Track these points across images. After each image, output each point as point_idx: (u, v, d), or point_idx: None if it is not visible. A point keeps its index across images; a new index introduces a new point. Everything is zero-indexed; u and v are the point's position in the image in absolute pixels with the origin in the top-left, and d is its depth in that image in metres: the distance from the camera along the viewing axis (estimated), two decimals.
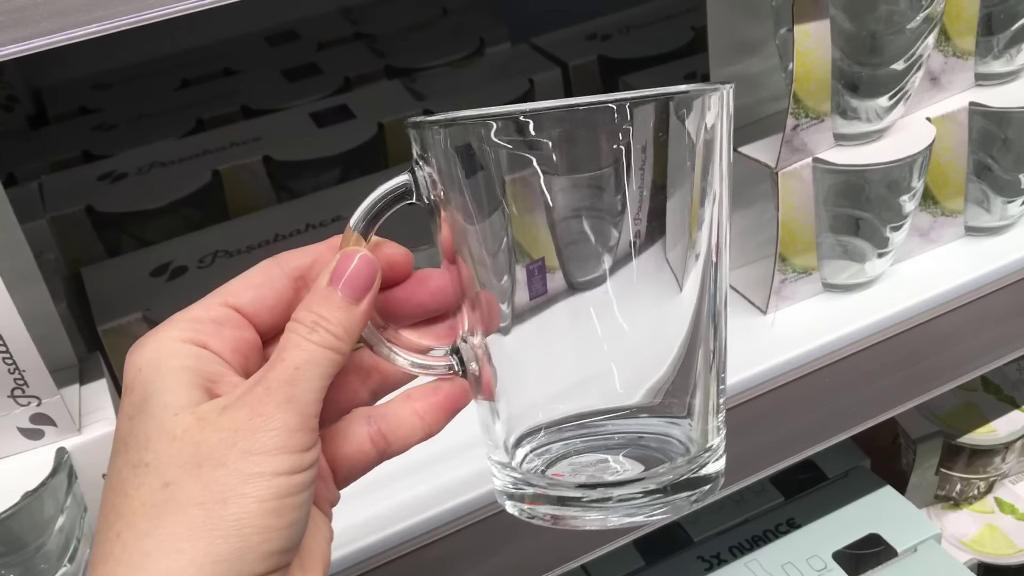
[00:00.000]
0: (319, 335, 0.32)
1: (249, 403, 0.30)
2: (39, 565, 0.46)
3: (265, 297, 0.34)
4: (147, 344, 0.32)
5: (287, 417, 0.30)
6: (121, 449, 0.31)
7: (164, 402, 0.30)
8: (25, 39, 0.33)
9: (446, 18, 0.98)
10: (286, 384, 0.31)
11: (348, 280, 0.32)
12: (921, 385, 0.63)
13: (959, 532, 0.93)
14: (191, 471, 0.29)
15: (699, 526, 0.81)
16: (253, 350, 0.34)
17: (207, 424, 0.30)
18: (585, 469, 0.36)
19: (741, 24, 0.59)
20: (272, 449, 0.30)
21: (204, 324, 0.32)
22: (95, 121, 0.84)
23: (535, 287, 0.35)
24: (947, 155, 0.64)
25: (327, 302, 0.32)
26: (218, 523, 0.29)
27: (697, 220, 0.35)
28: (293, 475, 0.30)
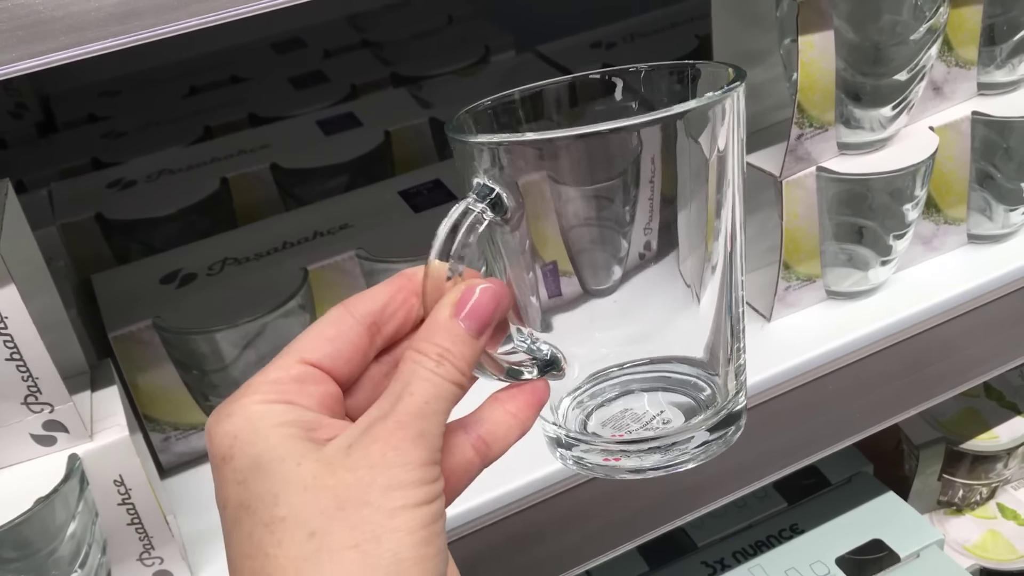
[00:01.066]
0: (446, 369, 0.31)
1: (381, 437, 0.30)
2: (50, 571, 0.47)
3: (341, 350, 0.33)
4: (233, 413, 0.31)
5: (421, 452, 0.30)
6: (243, 514, 0.29)
7: (280, 456, 0.29)
8: (42, 54, 0.34)
9: (452, 26, 0.99)
10: (417, 418, 0.30)
11: (472, 312, 0.32)
12: (924, 392, 0.63)
13: (961, 538, 0.93)
14: (334, 515, 0.28)
15: (703, 531, 0.82)
16: (337, 403, 0.33)
17: (337, 466, 0.29)
18: (624, 418, 0.38)
19: (745, 34, 0.60)
20: (411, 483, 0.29)
21: (286, 384, 0.31)
22: (104, 128, 0.85)
23: (550, 288, 0.35)
24: (950, 164, 0.64)
25: (451, 335, 0.32)
26: (376, 562, 0.28)
27: (713, 230, 0.36)
28: (431, 504, 0.30)
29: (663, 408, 0.38)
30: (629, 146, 0.33)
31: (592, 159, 0.33)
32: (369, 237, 0.60)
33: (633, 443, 0.37)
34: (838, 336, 0.63)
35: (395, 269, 0.59)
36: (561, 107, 0.39)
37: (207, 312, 0.56)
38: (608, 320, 0.37)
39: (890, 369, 0.64)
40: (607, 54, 0.83)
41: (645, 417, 0.38)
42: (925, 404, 0.64)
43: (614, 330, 0.37)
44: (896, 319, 0.64)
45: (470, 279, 0.33)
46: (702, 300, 0.37)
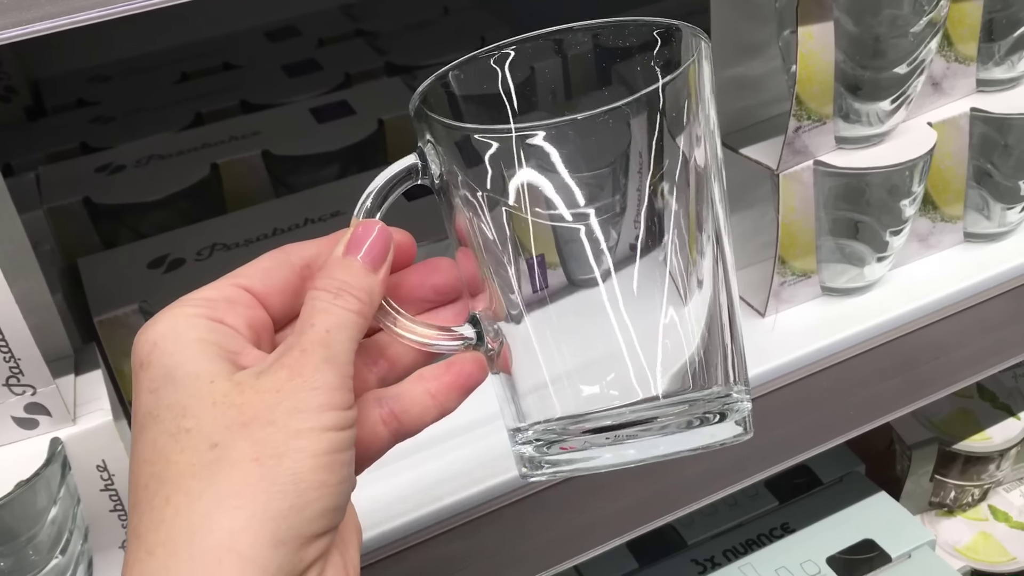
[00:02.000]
0: (344, 299, 0.32)
1: (287, 364, 0.30)
2: (30, 556, 0.46)
3: (275, 281, 0.34)
4: (160, 320, 0.31)
5: (327, 376, 0.30)
6: (150, 422, 0.30)
7: (195, 372, 0.30)
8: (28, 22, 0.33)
9: (447, 17, 0.98)
10: (320, 346, 0.31)
11: (367, 249, 0.33)
12: (917, 391, 0.63)
13: (953, 539, 0.93)
14: (238, 431, 0.29)
15: (693, 529, 0.81)
16: (266, 329, 0.34)
17: (246, 387, 0.30)
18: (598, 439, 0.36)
19: (744, 26, 0.59)
20: (317, 406, 0.30)
21: (217, 302, 0.32)
22: (93, 113, 0.84)
23: (536, 281, 0.35)
24: (947, 160, 0.64)
25: (348, 269, 0.33)
26: (275, 478, 0.28)
27: (696, 220, 0.35)
28: (340, 431, 0.30)
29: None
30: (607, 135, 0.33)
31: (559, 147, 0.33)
32: None
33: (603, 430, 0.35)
34: (833, 333, 0.62)
35: None
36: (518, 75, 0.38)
37: None
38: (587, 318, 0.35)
39: (884, 367, 0.63)
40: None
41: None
42: (918, 403, 0.63)
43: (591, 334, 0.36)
44: (891, 316, 0.64)
45: (362, 221, 0.34)
46: (691, 296, 0.36)
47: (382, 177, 0.35)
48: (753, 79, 0.61)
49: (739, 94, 0.61)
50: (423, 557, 0.54)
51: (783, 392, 0.62)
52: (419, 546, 0.54)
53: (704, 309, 0.36)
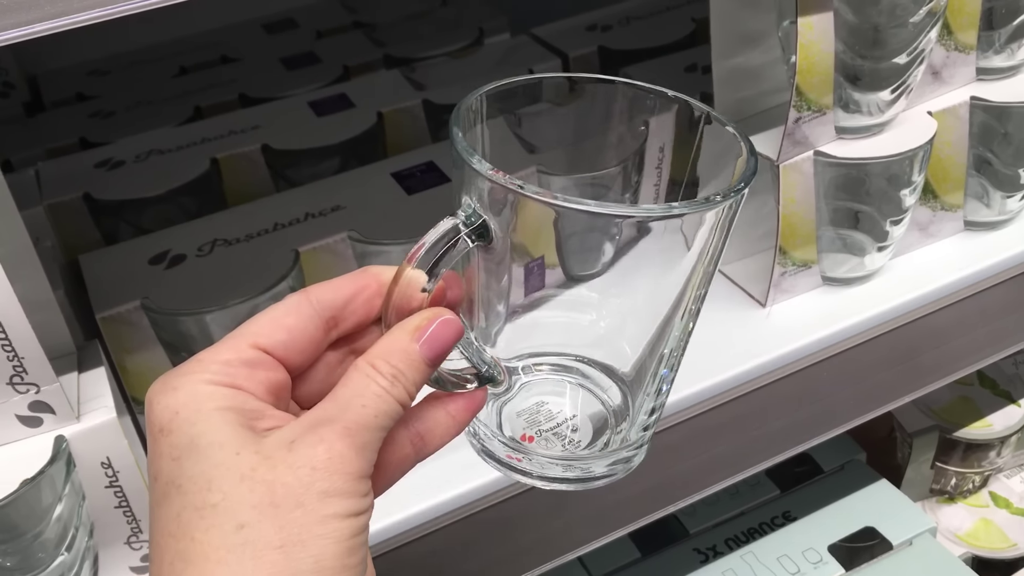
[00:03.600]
0: (398, 391, 0.32)
1: (328, 440, 0.30)
2: (36, 553, 0.46)
3: (296, 340, 0.33)
4: (179, 388, 0.31)
5: (362, 463, 0.30)
6: (173, 492, 0.29)
7: (219, 442, 0.29)
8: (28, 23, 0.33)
9: (445, 8, 0.98)
10: (364, 429, 0.31)
11: (430, 342, 0.33)
12: (918, 379, 0.63)
13: (953, 526, 0.93)
14: (266, 511, 0.29)
15: (695, 518, 0.81)
16: (284, 391, 0.33)
17: (278, 461, 0.29)
18: (536, 417, 0.38)
19: (744, 15, 0.59)
20: (345, 492, 0.29)
21: (236, 368, 0.31)
22: (92, 108, 0.84)
23: (533, 284, 0.35)
24: (947, 149, 0.64)
25: (408, 360, 0.32)
26: (298, 566, 0.28)
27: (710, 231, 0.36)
28: (360, 516, 0.30)
29: (576, 414, 0.39)
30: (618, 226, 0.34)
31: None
32: (361, 219, 0.59)
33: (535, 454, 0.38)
34: (833, 322, 0.62)
35: (387, 251, 0.58)
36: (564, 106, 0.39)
37: (196, 293, 0.55)
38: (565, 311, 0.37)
39: (885, 356, 0.63)
40: (603, 36, 0.82)
41: (557, 418, 0.38)
42: (919, 391, 0.63)
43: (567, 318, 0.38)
44: (892, 306, 0.64)
45: (433, 308, 0.33)
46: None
47: (442, 240, 0.33)
48: (753, 69, 0.61)
49: (739, 84, 0.61)
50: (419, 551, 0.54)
51: (784, 382, 0.62)
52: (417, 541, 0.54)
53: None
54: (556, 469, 0.38)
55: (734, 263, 0.67)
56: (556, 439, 0.38)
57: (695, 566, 0.78)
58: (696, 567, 0.78)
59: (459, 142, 0.33)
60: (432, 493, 0.54)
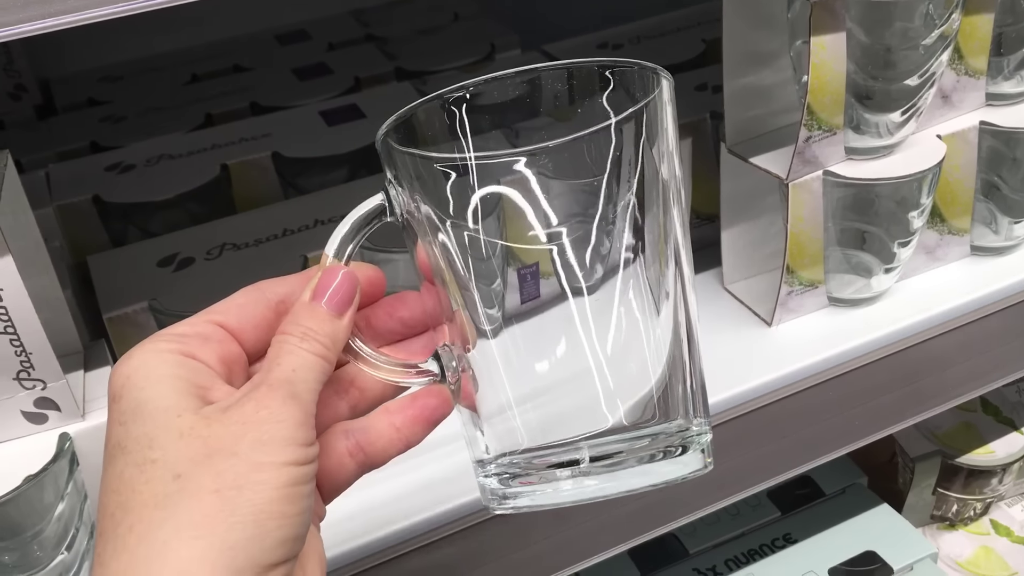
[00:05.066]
0: (310, 344, 0.33)
1: (255, 398, 0.31)
2: (35, 552, 0.46)
3: (249, 317, 0.35)
4: (134, 355, 0.32)
5: (292, 411, 0.31)
6: (118, 453, 0.31)
7: (163, 406, 0.31)
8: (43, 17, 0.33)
9: (457, 24, 0.98)
10: (286, 383, 0.32)
11: (331, 295, 0.34)
12: (921, 403, 0.63)
13: (954, 553, 0.92)
14: (202, 462, 0.30)
15: (695, 538, 0.81)
16: (238, 363, 0.35)
17: (213, 421, 0.31)
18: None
19: (756, 35, 0.59)
20: (281, 440, 0.30)
21: (190, 338, 0.33)
22: (103, 113, 0.84)
23: (528, 292, 0.35)
24: (956, 173, 0.64)
25: (313, 315, 0.34)
26: (234, 509, 0.29)
27: (665, 229, 0.36)
28: (301, 465, 0.31)
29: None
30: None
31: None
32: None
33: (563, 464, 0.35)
34: (839, 343, 0.62)
35: (395, 259, 0.58)
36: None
37: (204, 296, 0.54)
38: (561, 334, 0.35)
39: (889, 379, 0.63)
40: (614, 54, 0.83)
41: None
42: (922, 415, 0.63)
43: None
44: (897, 328, 0.64)
45: (328, 265, 0.35)
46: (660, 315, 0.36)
47: (350, 218, 0.36)
48: (764, 89, 0.61)
49: (749, 103, 0.62)
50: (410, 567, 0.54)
51: (788, 402, 0.62)
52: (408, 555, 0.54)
53: (668, 329, 0.36)
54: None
55: (741, 282, 0.67)
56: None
57: None
58: None
59: (378, 142, 0.35)
60: (429, 505, 0.54)
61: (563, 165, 0.34)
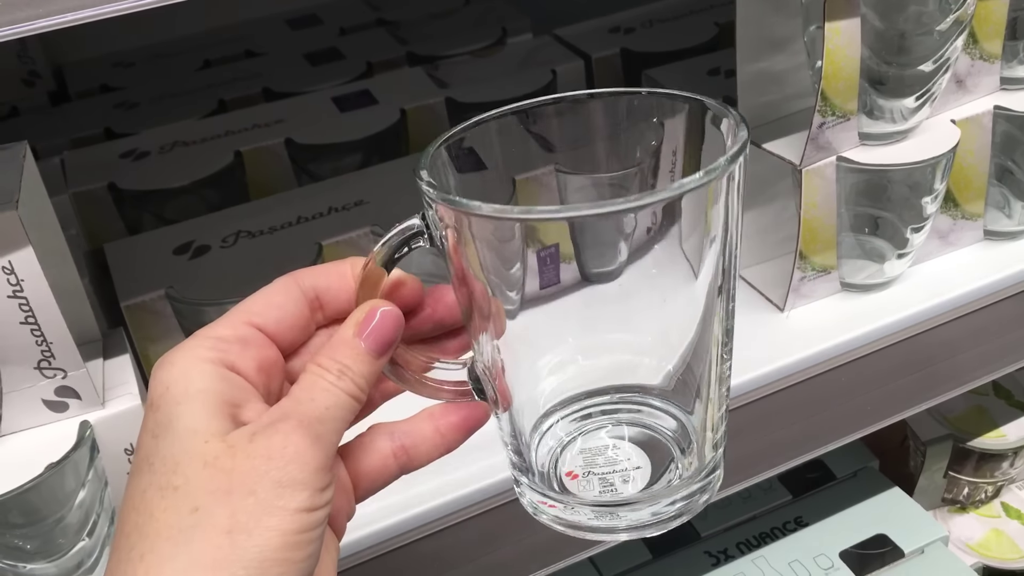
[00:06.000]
0: (346, 383, 0.33)
1: (283, 432, 0.31)
2: (58, 539, 0.47)
3: (286, 317, 0.35)
4: (175, 363, 0.32)
5: (316, 453, 0.31)
6: (145, 469, 0.31)
7: (193, 428, 0.31)
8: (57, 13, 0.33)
9: (468, 7, 0.98)
10: (317, 422, 0.32)
11: (374, 335, 0.34)
12: (934, 388, 0.63)
13: (965, 535, 0.93)
14: (221, 498, 0.30)
15: (706, 522, 0.81)
16: (276, 367, 0.35)
17: (238, 451, 0.31)
18: (593, 461, 0.37)
19: (770, 20, 0.59)
20: (300, 483, 0.31)
21: (230, 344, 0.33)
22: (117, 99, 0.85)
23: (547, 275, 0.35)
24: (970, 158, 0.64)
25: (353, 353, 0.34)
26: (242, 555, 0.29)
27: (712, 211, 0.36)
28: (313, 512, 0.31)
29: (635, 461, 0.38)
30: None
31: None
32: (384, 214, 0.59)
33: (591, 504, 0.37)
34: (851, 328, 0.62)
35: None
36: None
37: (220, 284, 0.55)
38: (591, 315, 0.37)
39: (901, 364, 0.63)
40: (625, 39, 0.83)
41: (617, 465, 0.38)
42: (935, 400, 0.63)
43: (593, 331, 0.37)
44: (910, 313, 0.64)
45: (374, 300, 0.35)
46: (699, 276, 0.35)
47: (391, 233, 0.35)
48: (777, 74, 0.61)
49: (763, 89, 0.61)
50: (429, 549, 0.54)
51: (800, 387, 0.62)
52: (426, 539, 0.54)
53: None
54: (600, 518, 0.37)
55: (753, 267, 0.67)
56: (599, 484, 0.37)
57: (706, 569, 0.78)
58: (707, 570, 0.78)
59: (424, 164, 0.34)
60: (445, 490, 0.54)
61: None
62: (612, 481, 0.37)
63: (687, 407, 0.37)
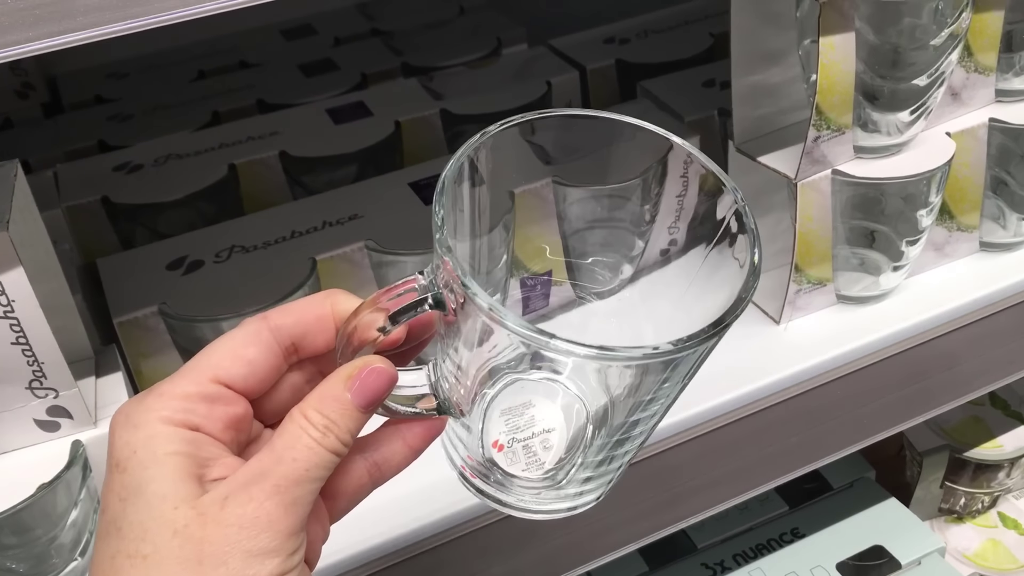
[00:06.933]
0: (330, 441, 0.32)
1: (257, 499, 0.31)
2: (51, 558, 0.47)
3: (257, 371, 0.34)
4: (140, 425, 0.31)
5: (290, 520, 0.31)
6: (113, 533, 0.31)
7: (162, 493, 0.30)
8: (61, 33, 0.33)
9: (463, 17, 0.98)
10: (295, 485, 0.31)
11: (365, 392, 0.33)
12: (930, 401, 0.63)
13: (962, 546, 0.93)
14: (192, 568, 0.30)
15: (703, 533, 0.81)
16: (244, 421, 0.34)
17: (209, 520, 0.30)
18: (513, 421, 0.37)
19: (764, 33, 0.59)
20: (271, 551, 0.30)
21: (196, 403, 0.32)
22: (111, 111, 0.84)
23: (536, 302, 0.35)
24: (965, 170, 0.64)
25: (341, 408, 0.33)
26: None
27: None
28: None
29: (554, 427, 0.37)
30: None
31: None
32: (378, 228, 0.59)
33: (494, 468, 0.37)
34: (847, 341, 0.62)
35: (404, 262, 0.58)
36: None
37: (214, 300, 0.55)
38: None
39: (898, 376, 0.63)
40: (620, 49, 0.82)
41: (536, 426, 0.37)
42: (931, 412, 0.63)
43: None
44: (906, 325, 0.64)
45: (368, 356, 0.34)
46: None
47: (410, 299, 0.34)
48: (772, 87, 0.61)
49: (757, 102, 0.61)
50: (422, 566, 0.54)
51: (797, 400, 0.62)
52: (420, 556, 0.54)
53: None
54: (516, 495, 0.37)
55: None
56: (524, 453, 0.37)
57: None
58: None
59: (437, 212, 0.34)
60: (440, 507, 0.54)
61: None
62: (534, 449, 0.37)
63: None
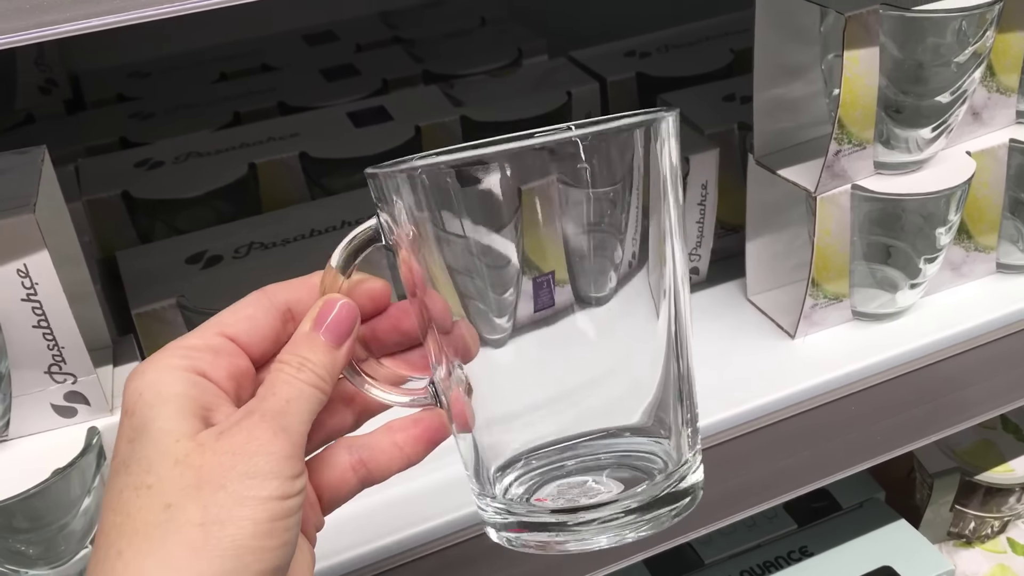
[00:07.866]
0: (305, 374, 0.34)
1: (246, 428, 0.32)
2: (61, 545, 0.46)
3: (257, 327, 0.36)
4: (147, 371, 0.33)
5: (281, 443, 0.32)
6: (122, 471, 0.32)
7: (165, 429, 0.32)
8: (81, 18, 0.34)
9: (484, 28, 0.98)
10: (279, 414, 0.33)
11: (330, 326, 0.35)
12: (942, 420, 0.63)
13: (970, 570, 0.92)
14: (191, 493, 0.31)
15: (711, 548, 0.81)
16: (246, 377, 0.36)
17: (207, 449, 0.32)
18: (568, 492, 0.37)
19: (787, 47, 0.59)
20: (268, 473, 0.32)
21: (202, 352, 0.34)
22: (132, 109, 0.85)
23: (542, 300, 0.35)
24: (984, 190, 0.64)
25: (311, 345, 0.35)
26: (216, 544, 0.30)
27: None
28: (285, 500, 0.32)
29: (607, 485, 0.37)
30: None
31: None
32: None
33: (564, 512, 0.36)
34: (862, 357, 0.62)
35: None
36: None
37: (231, 294, 0.55)
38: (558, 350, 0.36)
39: (911, 395, 0.63)
40: (641, 63, 0.83)
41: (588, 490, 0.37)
42: (944, 432, 0.63)
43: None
44: (921, 344, 0.63)
45: (328, 295, 0.36)
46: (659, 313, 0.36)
47: (348, 237, 0.37)
48: (793, 101, 0.61)
49: (778, 115, 0.62)
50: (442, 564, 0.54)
51: (810, 415, 0.62)
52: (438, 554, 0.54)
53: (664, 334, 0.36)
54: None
55: (765, 293, 0.67)
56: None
57: None
58: None
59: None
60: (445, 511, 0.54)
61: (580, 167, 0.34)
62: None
63: (660, 433, 0.37)
